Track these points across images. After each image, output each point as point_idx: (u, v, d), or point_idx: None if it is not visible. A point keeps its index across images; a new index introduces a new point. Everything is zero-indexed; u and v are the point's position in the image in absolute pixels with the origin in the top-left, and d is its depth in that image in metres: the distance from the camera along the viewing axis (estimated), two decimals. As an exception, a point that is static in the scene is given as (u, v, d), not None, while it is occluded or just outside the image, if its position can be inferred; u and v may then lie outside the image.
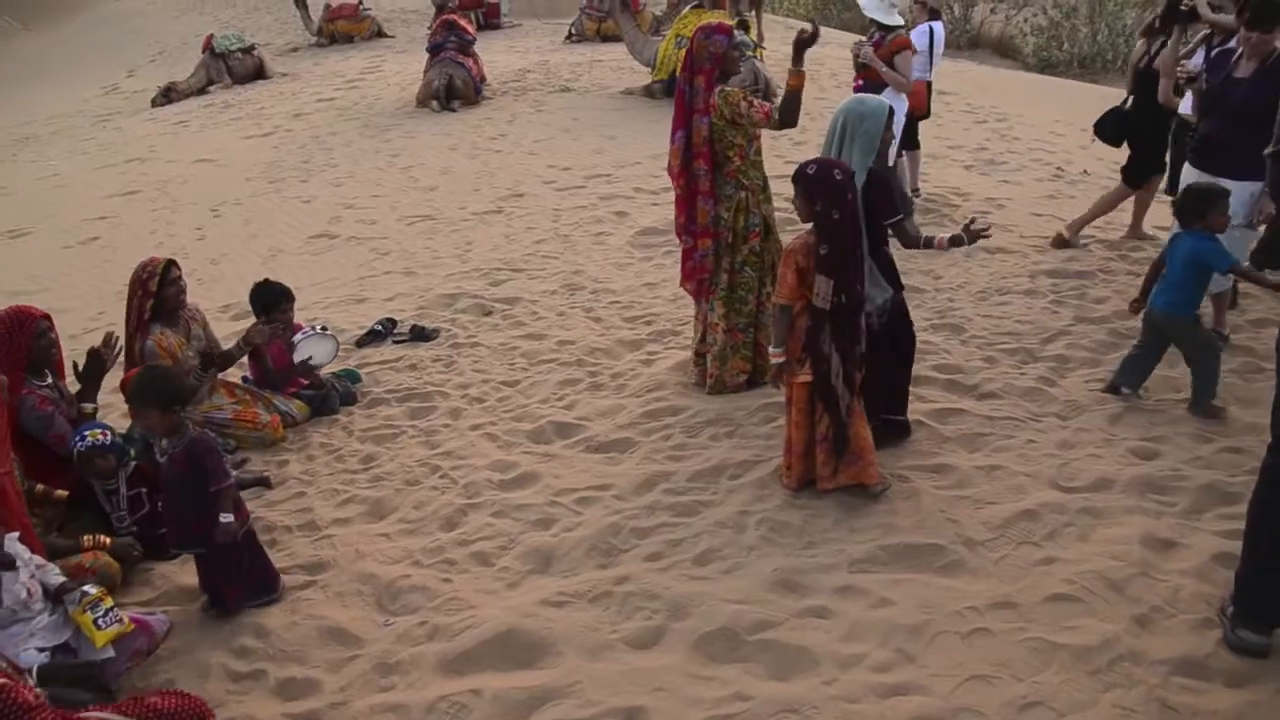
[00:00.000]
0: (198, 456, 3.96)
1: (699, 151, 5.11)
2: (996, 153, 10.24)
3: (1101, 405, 4.98)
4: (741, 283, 5.26)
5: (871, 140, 4.29)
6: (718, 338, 5.33)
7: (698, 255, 5.25)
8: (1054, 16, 24.38)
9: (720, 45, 5.03)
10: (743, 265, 5.24)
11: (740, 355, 5.35)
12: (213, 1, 28.52)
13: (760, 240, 5.24)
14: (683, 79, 5.16)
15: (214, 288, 8.31)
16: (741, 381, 5.39)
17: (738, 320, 5.30)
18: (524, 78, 15.07)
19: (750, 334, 5.33)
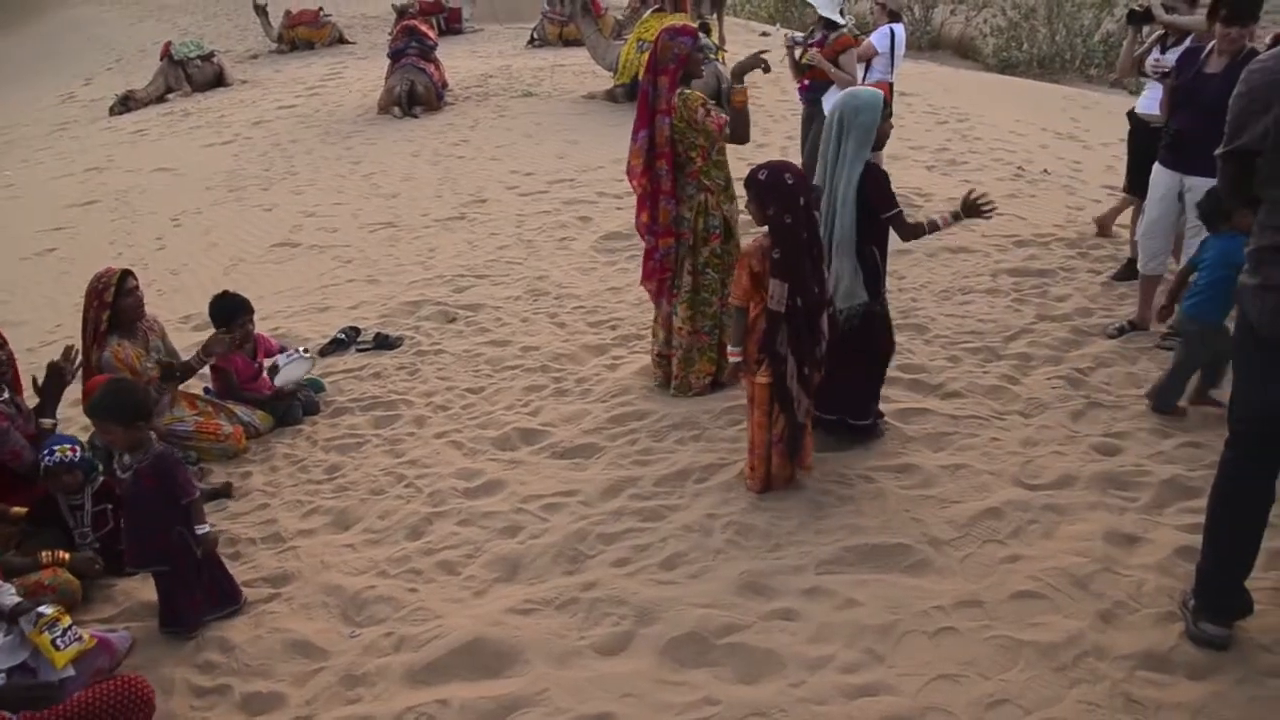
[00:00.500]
0: (166, 471, 3.91)
1: (661, 152, 5.11)
2: (958, 153, 10.30)
3: (1064, 402, 5.03)
4: (705, 284, 5.27)
5: (867, 133, 4.30)
6: (682, 340, 5.34)
7: (659, 254, 5.26)
8: (1013, 17, 24.63)
9: (684, 47, 5.04)
10: (705, 267, 5.25)
11: (705, 357, 5.36)
12: (171, 8, 28.25)
13: (721, 242, 5.25)
14: (646, 79, 5.17)
15: (174, 298, 8.22)
16: (706, 384, 5.40)
17: (702, 323, 5.31)
18: (486, 83, 15.02)
19: (715, 335, 5.34)
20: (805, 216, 4.09)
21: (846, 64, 7.59)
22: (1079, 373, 5.33)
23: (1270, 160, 2.98)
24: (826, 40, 7.61)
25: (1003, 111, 12.66)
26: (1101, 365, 5.43)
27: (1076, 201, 8.75)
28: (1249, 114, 3.01)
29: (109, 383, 4.33)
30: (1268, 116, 2.93)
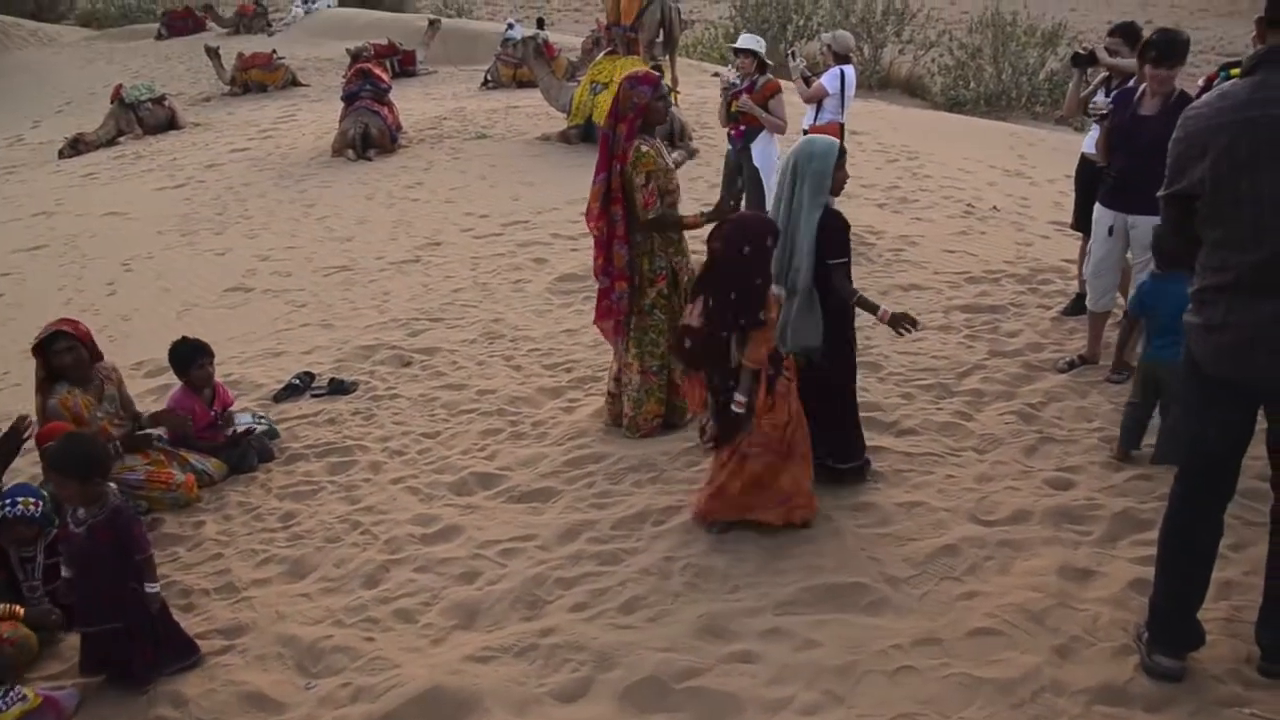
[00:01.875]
0: (122, 527, 3.86)
1: (615, 196, 5.16)
2: (908, 191, 10.46)
3: (1017, 438, 5.09)
4: (651, 325, 5.32)
5: (821, 179, 4.33)
6: (633, 378, 5.38)
7: (614, 296, 5.30)
8: (960, 57, 25.14)
9: (643, 96, 5.12)
10: (651, 308, 5.31)
11: (654, 398, 5.41)
12: (122, 50, 28.02)
13: (668, 285, 5.31)
14: (607, 124, 5.23)
15: (126, 344, 8.10)
16: (655, 425, 5.43)
17: (650, 362, 5.35)
18: (440, 125, 15.03)
19: (663, 376, 5.38)
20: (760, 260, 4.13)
21: (776, 109, 7.71)
22: (1031, 408, 5.41)
23: (1209, 203, 3.06)
24: (755, 85, 7.70)
25: (951, 149, 12.89)
26: (1053, 400, 5.51)
27: (1025, 238, 8.92)
28: (1187, 159, 3.09)
29: (68, 436, 4.26)
30: (1204, 162, 3.01)
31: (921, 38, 28.12)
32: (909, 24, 28.65)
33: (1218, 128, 2.99)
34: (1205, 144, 3.01)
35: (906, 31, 28.66)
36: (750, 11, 28.55)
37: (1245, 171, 2.95)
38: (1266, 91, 2.94)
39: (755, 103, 7.72)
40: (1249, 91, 2.97)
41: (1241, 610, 3.57)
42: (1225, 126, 2.98)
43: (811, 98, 8.31)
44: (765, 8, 28.26)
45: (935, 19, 31.99)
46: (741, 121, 7.77)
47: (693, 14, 31.57)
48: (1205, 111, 3.06)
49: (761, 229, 4.18)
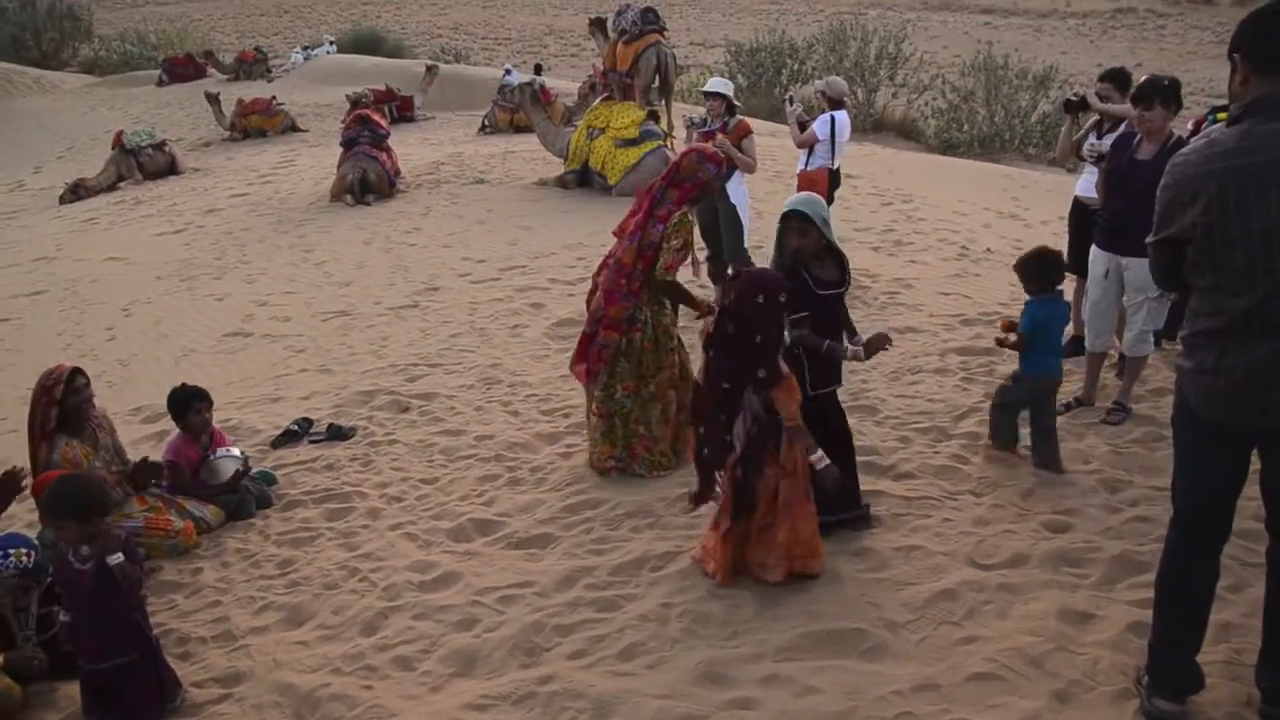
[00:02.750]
0: (131, 554, 3.90)
1: (644, 254, 5.28)
2: (903, 234, 10.53)
3: (1014, 481, 5.10)
4: (617, 370, 5.45)
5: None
6: (591, 419, 5.55)
7: (598, 343, 5.39)
8: (953, 100, 25.46)
9: (708, 173, 5.29)
10: (623, 355, 5.44)
11: (607, 441, 5.50)
12: (123, 97, 28.30)
13: (642, 337, 5.43)
14: (659, 184, 5.34)
15: (124, 390, 8.12)
16: (609, 466, 5.52)
17: (610, 405, 5.48)
18: (438, 170, 15.15)
19: (616, 424, 5.49)
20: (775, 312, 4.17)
21: (748, 149, 7.79)
22: (1028, 450, 5.41)
23: (1201, 250, 3.09)
24: (729, 126, 7.78)
25: (945, 191, 12.99)
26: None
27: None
28: (1176, 205, 3.13)
29: (63, 478, 4.26)
30: (1195, 208, 3.05)
31: (915, 81, 28.50)
32: (902, 68, 29.02)
33: (1207, 175, 3.04)
34: (1195, 191, 3.05)
35: (900, 75, 29.05)
36: (745, 57, 28.91)
37: (1236, 218, 2.98)
38: (1254, 139, 2.98)
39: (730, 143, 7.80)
40: (1237, 140, 3.02)
41: (1241, 653, 3.57)
42: (1214, 174, 3.02)
43: (803, 143, 8.39)
44: (759, 53, 28.65)
45: (928, 63, 32.41)
46: None
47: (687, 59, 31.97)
48: (1194, 159, 3.10)
49: (775, 284, 4.21)
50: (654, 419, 5.51)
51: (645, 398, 5.48)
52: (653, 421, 5.51)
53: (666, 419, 5.54)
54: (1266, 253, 2.97)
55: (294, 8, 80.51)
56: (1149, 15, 65.01)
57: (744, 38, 32.27)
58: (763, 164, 12.26)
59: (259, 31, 60.15)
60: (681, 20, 60.69)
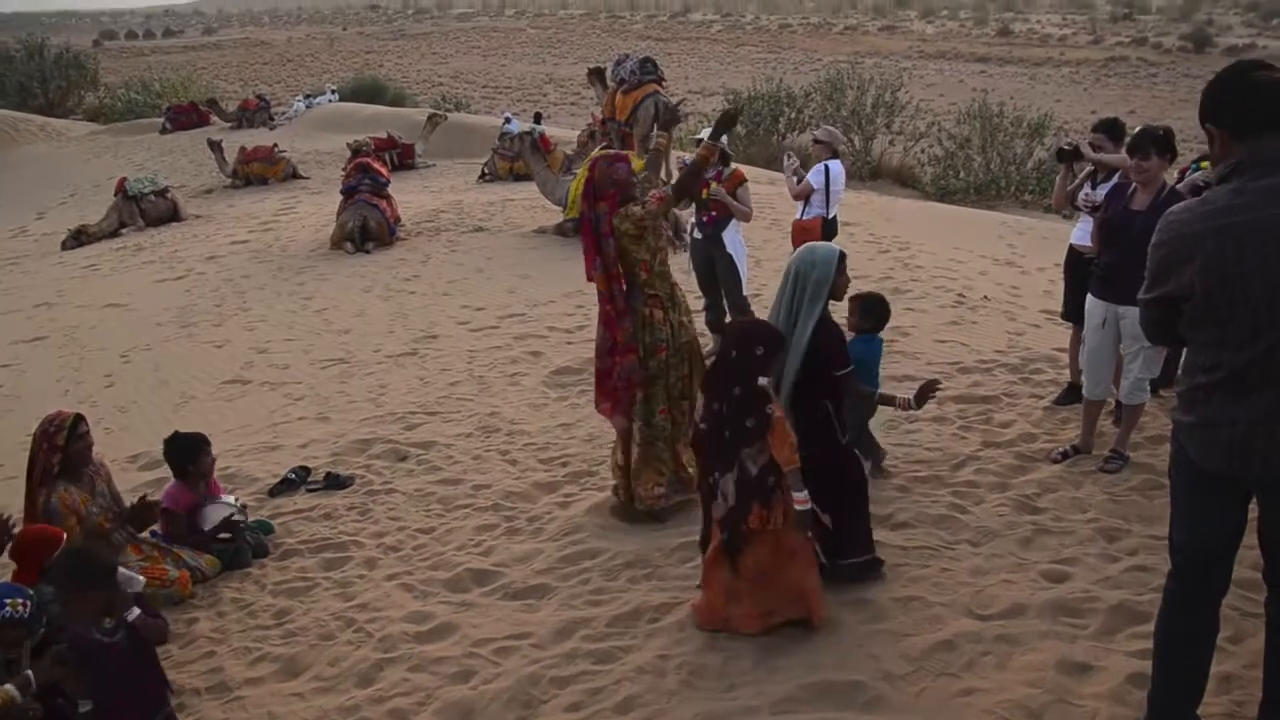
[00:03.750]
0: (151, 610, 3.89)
1: (612, 272, 5.28)
2: (900, 281, 10.56)
3: (1011, 530, 5.09)
4: (652, 395, 5.41)
5: (820, 288, 4.41)
6: (638, 452, 5.46)
7: (623, 371, 5.36)
8: (949, 147, 25.64)
9: (622, 172, 5.30)
10: (653, 380, 5.40)
11: (653, 469, 5.46)
12: (127, 144, 28.50)
13: (667, 354, 5.38)
14: (586, 207, 5.36)
15: (122, 437, 8.13)
16: (659, 495, 5.46)
17: (649, 433, 5.42)
18: (438, 218, 15.23)
19: (660, 448, 5.45)
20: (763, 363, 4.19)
21: (743, 197, 7.84)
22: (1026, 499, 5.42)
23: (1200, 307, 3.10)
24: (724, 175, 7.85)
25: (942, 239, 13.06)
26: (1047, 490, 5.52)
27: (1017, 327, 9.00)
28: (1171, 263, 3.15)
29: (75, 552, 4.20)
30: (1192, 266, 3.07)
31: (911, 129, 28.74)
32: (899, 116, 29.27)
33: (1203, 233, 3.06)
34: (1191, 250, 3.07)
35: (896, 123, 29.28)
36: (743, 105, 29.11)
37: (1236, 276, 3.00)
38: (1247, 196, 3.02)
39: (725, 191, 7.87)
40: (1230, 197, 3.05)
41: (1242, 705, 3.56)
42: (1210, 232, 3.04)
43: (800, 195, 8.45)
44: (757, 101, 28.87)
45: (924, 110, 32.73)
46: (713, 209, 7.88)
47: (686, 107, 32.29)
48: (1187, 217, 3.13)
49: (752, 337, 4.25)
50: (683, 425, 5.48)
51: (680, 417, 5.45)
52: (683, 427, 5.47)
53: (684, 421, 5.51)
54: (1270, 307, 2.99)
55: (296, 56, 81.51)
56: (1141, 63, 65.87)
57: (742, 86, 32.63)
58: (760, 212, 12.37)
59: (262, 79, 60.88)
60: (680, 69, 61.42)
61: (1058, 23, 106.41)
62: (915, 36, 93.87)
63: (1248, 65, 3.17)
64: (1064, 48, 78.12)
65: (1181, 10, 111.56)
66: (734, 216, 7.79)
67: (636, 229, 5.22)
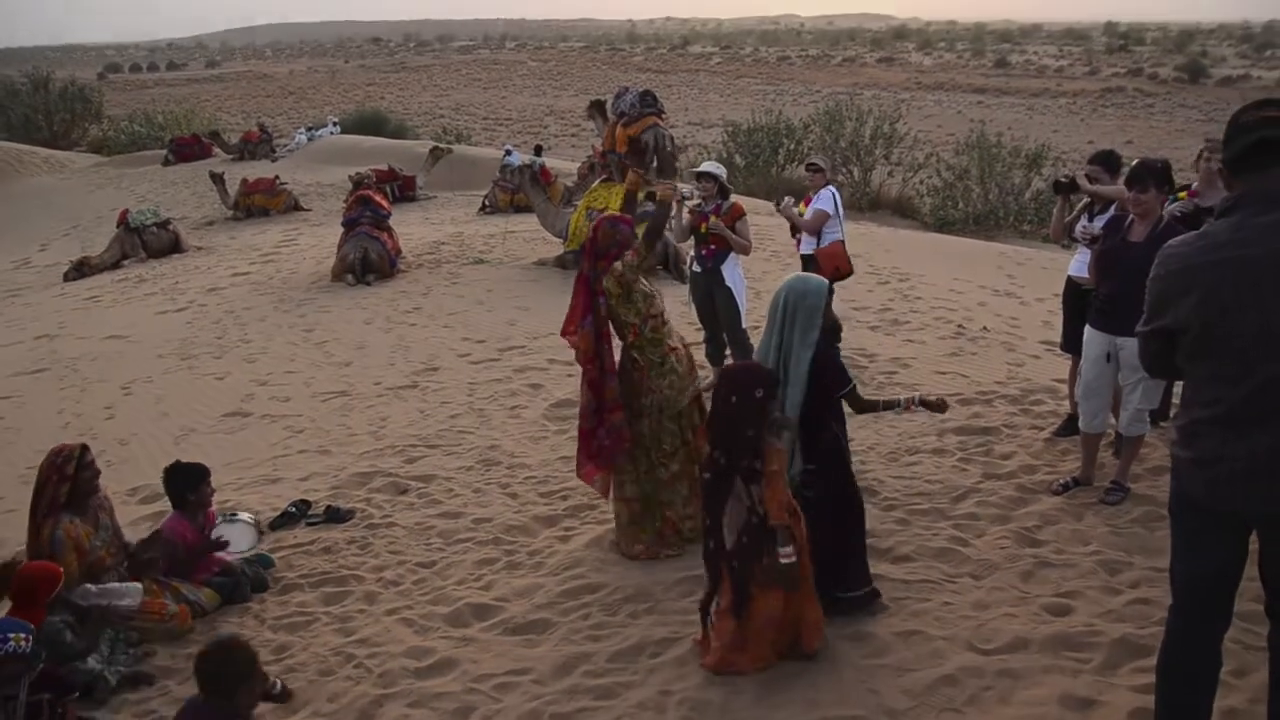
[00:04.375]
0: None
1: (602, 331, 5.32)
2: (900, 312, 10.61)
3: (1013, 563, 5.08)
4: (634, 456, 5.44)
5: (812, 318, 4.43)
6: (620, 510, 5.51)
7: (610, 428, 5.37)
8: (948, 178, 25.78)
9: (624, 234, 5.34)
10: (638, 442, 5.43)
11: (637, 526, 5.48)
12: (129, 176, 28.68)
13: (657, 422, 5.39)
14: (586, 264, 5.38)
15: (122, 469, 8.11)
16: (638, 552, 5.48)
17: (631, 490, 5.47)
18: (439, 250, 15.29)
19: (646, 508, 5.48)
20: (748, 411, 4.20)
21: (743, 231, 7.89)
22: (1026, 531, 5.41)
23: (1196, 340, 3.12)
24: (722, 208, 7.89)
25: (942, 270, 13.11)
26: (1048, 523, 5.52)
27: (1016, 358, 9.02)
28: (1168, 296, 3.17)
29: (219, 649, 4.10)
30: (1189, 299, 3.09)
31: (910, 160, 28.90)
32: (897, 147, 29.45)
33: (1200, 267, 3.08)
34: (1188, 283, 3.10)
35: (895, 154, 29.47)
36: (742, 137, 29.33)
37: (1233, 310, 3.02)
38: (1245, 232, 3.04)
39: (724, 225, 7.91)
40: (1229, 232, 3.07)
41: (1247, 741, 3.54)
42: (1207, 266, 3.07)
43: (815, 226, 8.50)
44: (756, 133, 29.06)
45: (923, 141, 32.95)
46: (711, 242, 7.92)
47: (685, 139, 32.50)
48: (1185, 251, 3.15)
49: (750, 380, 4.26)
50: (679, 499, 5.50)
51: (665, 479, 5.47)
52: (678, 502, 5.50)
53: (694, 494, 5.48)
54: (1265, 343, 3.00)
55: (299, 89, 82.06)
56: (1137, 94, 66.41)
57: (741, 118, 32.84)
58: (760, 243, 12.44)
59: (264, 111, 61.27)
60: (679, 100, 61.88)
61: (1054, 54, 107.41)
62: (913, 68, 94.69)
63: (1254, 104, 3.20)
64: (1061, 79, 78.83)
65: (1176, 42, 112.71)
66: (733, 250, 7.82)
67: (619, 286, 5.24)
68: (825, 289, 4.51)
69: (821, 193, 8.57)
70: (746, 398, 4.19)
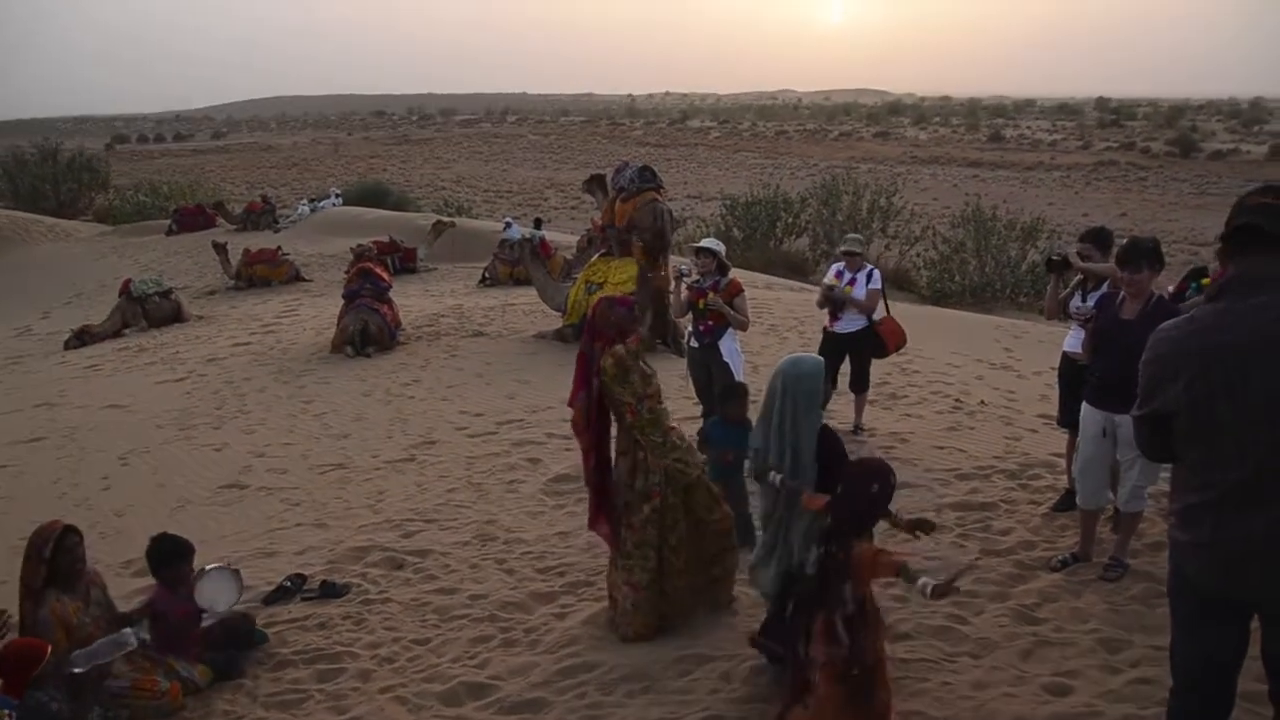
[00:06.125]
0: None
1: (598, 407, 5.37)
2: (898, 386, 10.64)
3: (1012, 641, 5.05)
4: (645, 540, 5.38)
5: (811, 399, 4.47)
6: (625, 593, 5.41)
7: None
8: (944, 251, 26.00)
9: (620, 315, 5.37)
10: (645, 524, 5.37)
11: (642, 612, 5.40)
12: (133, 245, 28.88)
13: (662, 499, 5.37)
14: (585, 343, 5.43)
15: (117, 541, 8.07)
16: (647, 635, 5.42)
17: (641, 576, 5.38)
18: (438, 322, 15.37)
19: (654, 589, 5.40)
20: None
21: (741, 307, 7.96)
22: (1025, 609, 5.38)
23: (1186, 424, 3.14)
24: (720, 284, 7.95)
25: (939, 343, 13.15)
26: (1047, 600, 5.49)
27: (1014, 432, 9.02)
28: (1159, 381, 3.20)
29: None
30: (1178, 385, 3.12)
31: (907, 233, 29.20)
32: (894, 220, 29.77)
33: (1188, 352, 3.11)
34: (1177, 368, 3.13)
35: (892, 227, 29.78)
36: (740, 210, 29.64)
37: (1221, 395, 3.05)
38: (1232, 316, 3.07)
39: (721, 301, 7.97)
40: (1216, 317, 3.11)
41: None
42: (1196, 351, 3.10)
43: (874, 306, 8.61)
44: (754, 206, 29.37)
45: (919, 214, 33.30)
46: (709, 318, 7.98)
47: (684, 212, 32.85)
48: (1175, 335, 3.19)
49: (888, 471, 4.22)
50: (673, 573, 5.45)
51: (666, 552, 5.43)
52: (671, 575, 5.45)
53: (689, 567, 5.48)
54: (1253, 427, 3.02)
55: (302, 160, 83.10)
56: (1130, 167, 67.26)
57: (739, 191, 33.22)
58: (758, 317, 12.51)
59: (268, 182, 62.02)
60: (678, 174, 62.66)
61: (1047, 128, 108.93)
62: (909, 142, 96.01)
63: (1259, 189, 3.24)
64: (1054, 152, 79.88)
65: (1166, 117, 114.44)
66: (731, 326, 7.88)
67: (617, 368, 5.26)
68: (821, 369, 4.54)
69: (870, 272, 8.65)
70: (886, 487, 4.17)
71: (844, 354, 8.60)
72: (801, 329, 13.59)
